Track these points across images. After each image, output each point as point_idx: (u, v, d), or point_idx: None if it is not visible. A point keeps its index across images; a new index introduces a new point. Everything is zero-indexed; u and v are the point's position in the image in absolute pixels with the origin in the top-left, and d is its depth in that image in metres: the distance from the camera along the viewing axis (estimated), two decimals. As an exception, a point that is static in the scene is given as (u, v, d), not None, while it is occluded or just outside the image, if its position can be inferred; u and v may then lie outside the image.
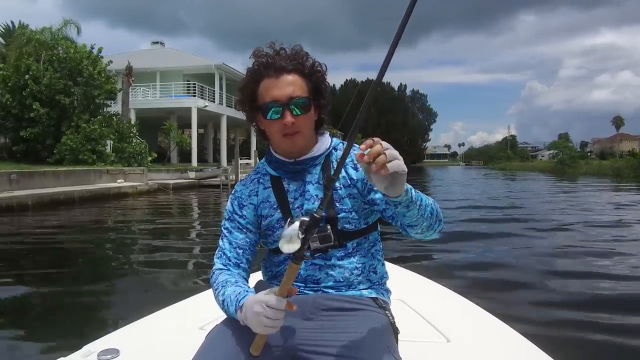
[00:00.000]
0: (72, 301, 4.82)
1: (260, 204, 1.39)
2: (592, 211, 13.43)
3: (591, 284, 5.35)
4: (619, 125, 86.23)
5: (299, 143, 1.31)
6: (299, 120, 1.28)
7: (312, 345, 1.24)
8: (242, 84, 1.35)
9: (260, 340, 1.16)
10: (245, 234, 1.39)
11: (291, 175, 1.36)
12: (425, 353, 1.64)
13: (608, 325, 4.01)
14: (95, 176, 18.50)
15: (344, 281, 1.35)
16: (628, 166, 39.80)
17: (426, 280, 2.61)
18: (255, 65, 1.30)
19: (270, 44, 1.32)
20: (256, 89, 1.30)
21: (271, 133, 1.32)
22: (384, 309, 1.37)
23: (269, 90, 1.27)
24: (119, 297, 5.12)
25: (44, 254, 7.51)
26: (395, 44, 0.99)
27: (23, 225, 10.59)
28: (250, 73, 1.32)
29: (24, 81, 21.89)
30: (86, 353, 1.65)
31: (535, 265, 6.37)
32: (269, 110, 1.27)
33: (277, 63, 1.28)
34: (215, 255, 1.40)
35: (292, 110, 1.26)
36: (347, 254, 1.35)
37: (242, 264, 1.38)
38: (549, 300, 4.68)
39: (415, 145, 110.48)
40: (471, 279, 5.55)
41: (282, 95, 1.26)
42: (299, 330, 1.27)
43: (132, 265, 6.68)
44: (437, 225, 1.29)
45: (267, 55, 1.30)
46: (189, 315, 2.06)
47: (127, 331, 1.90)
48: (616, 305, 4.61)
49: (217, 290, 1.31)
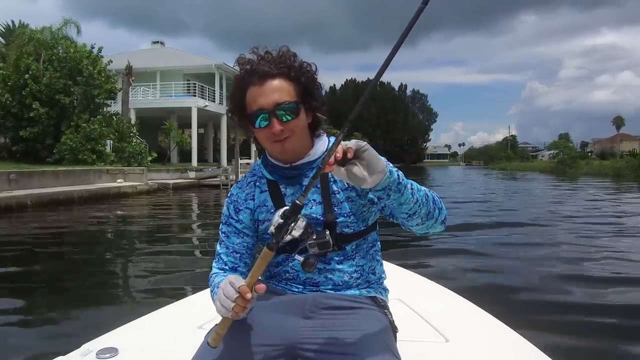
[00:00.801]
0: (70, 300, 4.83)
1: (257, 209, 1.37)
2: (593, 211, 13.42)
3: (590, 285, 5.34)
4: (620, 125, 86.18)
5: (290, 148, 1.28)
6: (288, 125, 1.24)
7: (312, 343, 1.24)
8: (230, 93, 1.33)
9: (221, 330, 1.12)
10: (242, 238, 1.38)
11: (287, 180, 1.34)
12: (424, 353, 1.64)
13: (606, 326, 4.02)
14: (94, 176, 18.48)
15: (342, 284, 1.35)
16: (629, 166, 39.75)
17: (425, 280, 2.61)
18: (241, 73, 1.27)
19: (253, 49, 1.27)
20: (244, 98, 1.27)
21: (261, 141, 1.30)
22: (383, 308, 1.37)
23: (255, 98, 1.24)
24: (118, 296, 5.13)
25: (43, 253, 7.50)
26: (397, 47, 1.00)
27: (22, 225, 10.58)
28: (236, 81, 1.29)
29: (24, 81, 21.88)
30: (85, 352, 1.65)
31: (534, 265, 6.37)
32: (257, 119, 1.24)
33: (261, 69, 1.23)
34: (214, 260, 1.41)
35: (280, 117, 1.23)
36: (346, 257, 1.35)
37: (239, 267, 1.38)
38: (548, 300, 4.68)
39: (415, 145, 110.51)
40: (470, 279, 5.56)
41: (267, 102, 1.22)
42: (298, 329, 1.27)
43: (131, 265, 6.69)
44: (438, 213, 1.26)
45: (250, 61, 1.26)
46: (187, 314, 2.06)
47: (125, 330, 1.91)
48: (614, 305, 4.61)
49: (213, 292, 1.31)
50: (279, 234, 1.07)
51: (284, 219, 1.06)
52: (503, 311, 2.23)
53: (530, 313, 4.21)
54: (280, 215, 1.07)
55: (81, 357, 1.62)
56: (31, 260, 6.91)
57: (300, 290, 1.35)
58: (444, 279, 4.61)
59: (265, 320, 1.23)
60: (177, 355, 1.55)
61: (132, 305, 4.58)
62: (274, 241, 1.07)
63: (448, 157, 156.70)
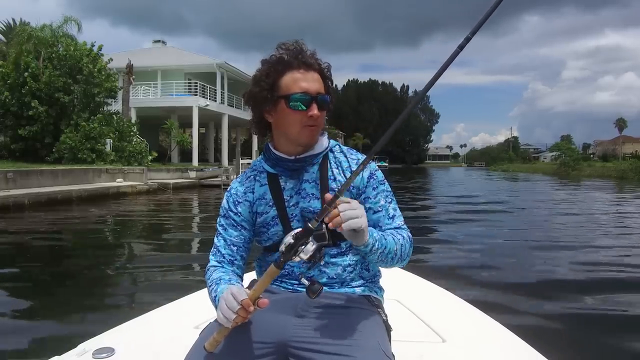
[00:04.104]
0: (67, 300, 4.81)
1: (256, 201, 1.40)
2: (593, 212, 13.41)
3: (588, 285, 5.35)
4: (622, 127, 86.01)
5: (316, 137, 1.36)
6: (321, 115, 1.32)
7: (304, 342, 1.25)
8: (262, 72, 1.34)
9: (218, 337, 1.16)
10: (239, 231, 1.40)
11: (289, 172, 1.38)
12: (420, 353, 1.64)
13: (602, 326, 4.04)
14: (94, 175, 18.38)
15: (336, 278, 1.37)
16: (633, 168, 39.79)
17: (422, 281, 2.61)
18: (284, 55, 1.32)
19: (295, 41, 1.35)
20: (278, 78, 1.31)
21: (290, 123, 1.32)
22: (377, 307, 1.38)
23: (297, 81, 1.30)
24: (115, 295, 5.11)
25: (40, 253, 7.50)
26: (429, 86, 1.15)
27: (19, 225, 10.55)
28: (274, 62, 1.32)
29: (23, 79, 21.75)
30: (81, 352, 1.65)
31: (531, 266, 6.40)
32: (297, 101, 1.30)
33: (306, 58, 1.32)
34: (211, 252, 1.43)
35: (319, 104, 1.31)
36: (340, 253, 1.37)
37: (236, 261, 1.40)
38: (545, 300, 4.68)
39: (417, 145, 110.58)
40: (467, 279, 5.56)
41: (311, 88, 1.30)
42: (291, 327, 1.28)
43: (128, 265, 6.68)
44: (398, 263, 1.36)
45: (295, 48, 1.33)
46: (184, 314, 2.06)
47: (122, 330, 1.91)
48: (612, 305, 4.62)
49: (210, 287, 1.33)
50: (288, 254, 1.14)
51: (295, 240, 1.13)
52: (500, 312, 2.23)
53: (526, 313, 4.22)
54: (293, 235, 1.15)
55: (77, 357, 1.62)
56: (28, 260, 6.91)
57: (295, 286, 1.36)
58: (441, 279, 4.60)
59: (258, 318, 1.23)
60: (173, 355, 1.55)
61: (128, 305, 4.58)
62: (281, 259, 1.14)
63: (449, 158, 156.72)
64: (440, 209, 15.56)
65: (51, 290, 5.26)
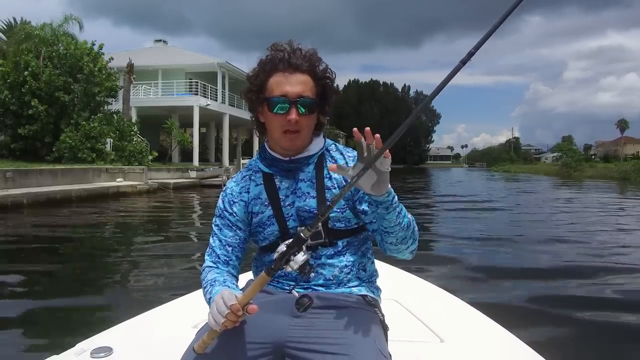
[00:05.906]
0: (65, 299, 4.80)
1: (252, 201, 1.40)
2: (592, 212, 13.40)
3: (586, 285, 5.35)
4: (624, 128, 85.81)
5: (297, 143, 1.33)
6: (303, 119, 1.29)
7: (301, 342, 1.25)
8: (253, 73, 1.35)
9: (207, 339, 1.17)
10: (234, 231, 1.40)
11: (284, 173, 1.38)
12: (418, 353, 1.64)
13: (600, 326, 4.04)
14: (93, 175, 18.29)
15: (333, 279, 1.36)
16: (635, 169, 39.74)
17: (420, 280, 2.61)
18: (270, 56, 1.32)
19: (289, 42, 1.33)
20: (266, 80, 1.31)
21: (272, 128, 1.33)
22: (374, 307, 1.38)
23: (280, 84, 1.29)
24: (113, 295, 5.09)
25: (38, 252, 7.48)
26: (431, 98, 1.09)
27: (17, 224, 10.54)
28: (264, 63, 1.33)
29: (23, 78, 21.71)
30: (79, 351, 1.65)
31: (530, 265, 6.39)
32: (276, 104, 1.29)
33: (293, 60, 1.29)
34: (206, 252, 1.43)
35: (299, 109, 1.28)
36: (337, 252, 1.37)
37: (231, 261, 1.40)
38: (543, 301, 4.67)
39: (418, 146, 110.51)
40: (465, 279, 5.56)
41: (292, 91, 1.28)
42: (287, 327, 1.28)
43: (126, 264, 6.67)
44: (412, 242, 1.32)
45: (284, 50, 1.31)
46: (182, 313, 2.06)
47: (120, 329, 1.91)
48: (610, 306, 4.61)
49: (205, 288, 1.33)
50: (279, 262, 1.13)
51: (287, 248, 1.13)
52: (498, 312, 2.23)
53: (524, 313, 4.22)
54: (286, 244, 1.14)
55: (75, 357, 1.62)
56: (25, 260, 6.89)
57: (292, 287, 1.36)
58: (439, 279, 4.62)
59: (254, 318, 1.23)
60: (171, 354, 1.55)
61: (126, 305, 4.57)
62: (272, 267, 1.13)
63: (451, 158, 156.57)
64: (439, 207, 15.58)
65: (49, 289, 5.25)
